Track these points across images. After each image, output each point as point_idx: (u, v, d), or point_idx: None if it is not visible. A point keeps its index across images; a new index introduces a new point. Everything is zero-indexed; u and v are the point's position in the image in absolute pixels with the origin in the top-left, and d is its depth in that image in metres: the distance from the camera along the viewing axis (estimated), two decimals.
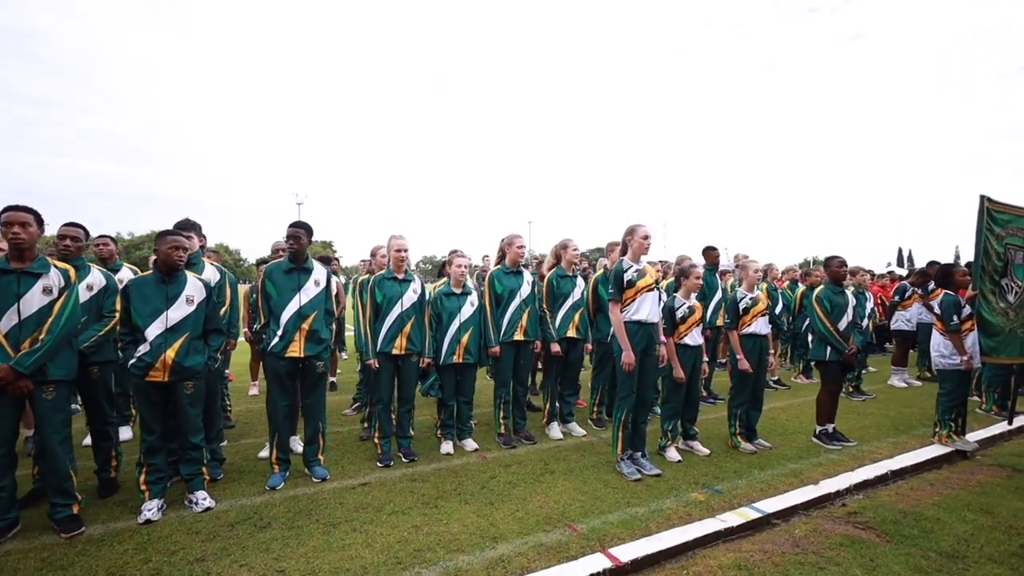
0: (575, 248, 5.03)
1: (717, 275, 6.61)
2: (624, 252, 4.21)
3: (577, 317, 4.94)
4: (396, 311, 4.25)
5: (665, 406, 4.53)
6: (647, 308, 4.03)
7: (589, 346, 5.29)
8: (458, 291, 4.64)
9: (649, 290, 4.05)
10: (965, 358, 4.72)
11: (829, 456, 4.55)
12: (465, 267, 4.64)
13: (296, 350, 3.76)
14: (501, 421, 4.82)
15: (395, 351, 4.25)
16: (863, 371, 7.32)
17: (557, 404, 5.16)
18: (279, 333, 3.75)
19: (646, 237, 4.09)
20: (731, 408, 4.80)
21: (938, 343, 4.92)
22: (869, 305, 8.31)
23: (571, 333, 4.94)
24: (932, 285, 7.45)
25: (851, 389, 6.89)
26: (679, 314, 4.40)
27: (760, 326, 4.71)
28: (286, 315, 3.76)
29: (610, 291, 4.06)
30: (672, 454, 4.43)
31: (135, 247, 59.76)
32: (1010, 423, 5.57)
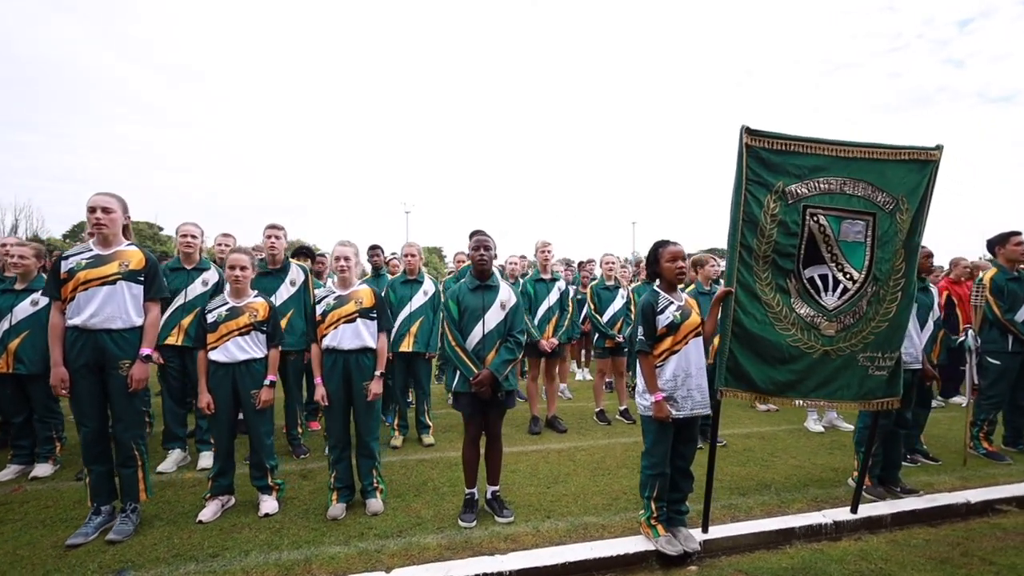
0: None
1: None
2: None
3: (187, 320, 3.92)
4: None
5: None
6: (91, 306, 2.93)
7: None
8: (20, 287, 3.91)
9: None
10: (653, 399, 2.81)
11: (418, 540, 2.96)
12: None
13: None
14: None
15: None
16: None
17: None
18: None
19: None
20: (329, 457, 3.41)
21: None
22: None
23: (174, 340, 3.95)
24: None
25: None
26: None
27: (342, 337, 3.24)
28: None
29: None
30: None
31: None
32: (853, 510, 3.34)
